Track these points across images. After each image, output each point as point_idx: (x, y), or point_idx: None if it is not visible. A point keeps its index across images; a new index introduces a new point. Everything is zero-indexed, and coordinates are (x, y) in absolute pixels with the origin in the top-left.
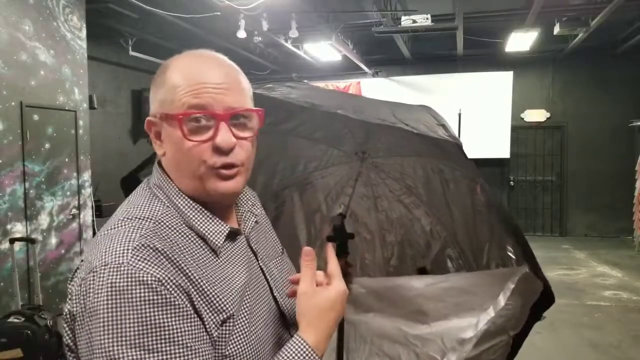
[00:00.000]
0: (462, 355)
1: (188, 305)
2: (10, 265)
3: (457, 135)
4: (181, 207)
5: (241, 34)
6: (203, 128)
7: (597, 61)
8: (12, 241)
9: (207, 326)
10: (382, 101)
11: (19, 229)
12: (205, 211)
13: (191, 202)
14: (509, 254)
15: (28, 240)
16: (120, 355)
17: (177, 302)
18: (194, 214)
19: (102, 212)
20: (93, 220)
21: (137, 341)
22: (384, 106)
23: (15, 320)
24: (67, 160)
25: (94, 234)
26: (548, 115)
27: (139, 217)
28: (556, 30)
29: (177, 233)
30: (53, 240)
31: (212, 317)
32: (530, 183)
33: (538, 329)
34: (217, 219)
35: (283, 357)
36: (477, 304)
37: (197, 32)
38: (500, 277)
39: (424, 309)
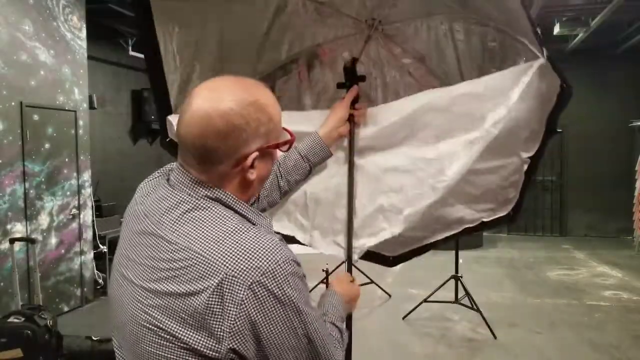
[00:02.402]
0: (466, 161)
1: None
2: (10, 265)
3: None
4: (248, 214)
5: None
6: None
7: (597, 61)
8: (12, 241)
9: None
10: None
11: (19, 229)
12: None
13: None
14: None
15: (28, 240)
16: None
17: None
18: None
19: (102, 212)
20: (93, 220)
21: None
22: None
23: (15, 320)
24: (67, 160)
25: (94, 234)
26: None
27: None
28: (556, 30)
29: None
30: (53, 240)
31: None
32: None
33: (538, 328)
34: None
35: (331, 299)
36: (487, 109)
37: None
38: (515, 73)
39: (431, 125)
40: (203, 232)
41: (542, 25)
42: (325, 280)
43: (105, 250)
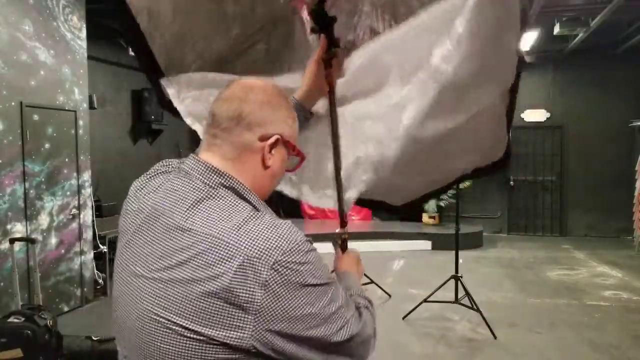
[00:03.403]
0: (422, 103)
1: None
2: (10, 265)
3: None
4: (257, 204)
5: None
6: None
7: (597, 61)
8: (12, 241)
9: None
10: None
11: (19, 229)
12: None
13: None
14: None
15: (28, 240)
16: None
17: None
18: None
19: (102, 212)
20: (93, 220)
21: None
22: None
23: (15, 320)
24: (67, 160)
25: (94, 233)
26: (548, 115)
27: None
28: (556, 30)
29: None
30: (53, 240)
31: None
32: (530, 183)
33: (538, 328)
34: None
35: (348, 279)
36: (432, 43)
37: None
38: None
39: (393, 66)
40: (219, 218)
41: (542, 25)
42: (342, 244)
43: (106, 250)
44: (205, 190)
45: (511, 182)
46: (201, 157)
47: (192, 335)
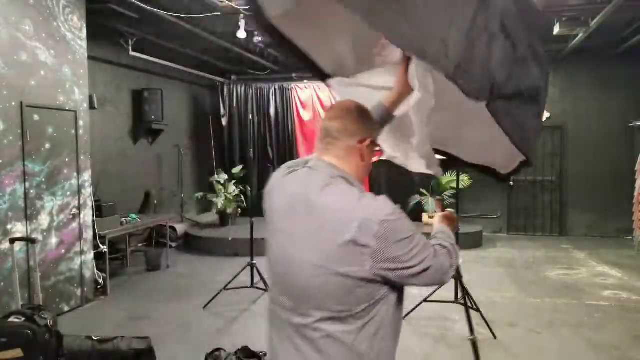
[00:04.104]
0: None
1: None
2: (11, 265)
3: None
4: (360, 188)
5: (241, 34)
6: None
7: (597, 61)
8: (12, 241)
9: None
10: None
11: (19, 228)
12: None
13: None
14: None
15: (28, 240)
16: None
17: None
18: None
19: (102, 212)
20: (93, 220)
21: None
22: None
23: (16, 320)
24: (67, 160)
25: (94, 233)
26: (548, 115)
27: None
28: (556, 30)
29: None
30: (53, 240)
31: None
32: (530, 183)
33: (538, 328)
34: None
35: (439, 230)
36: None
37: (197, 32)
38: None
39: None
40: (340, 197)
41: (542, 26)
42: (442, 207)
43: (106, 250)
44: (328, 179)
45: (511, 182)
46: (322, 158)
47: (331, 273)
